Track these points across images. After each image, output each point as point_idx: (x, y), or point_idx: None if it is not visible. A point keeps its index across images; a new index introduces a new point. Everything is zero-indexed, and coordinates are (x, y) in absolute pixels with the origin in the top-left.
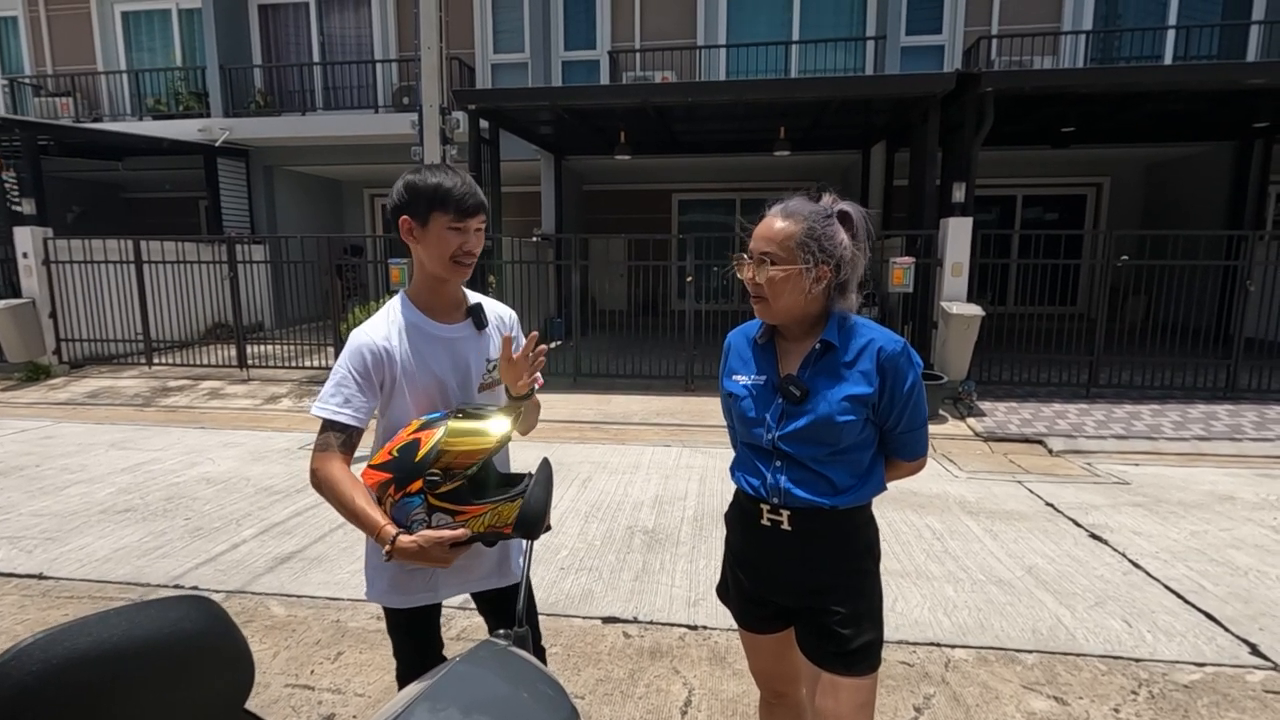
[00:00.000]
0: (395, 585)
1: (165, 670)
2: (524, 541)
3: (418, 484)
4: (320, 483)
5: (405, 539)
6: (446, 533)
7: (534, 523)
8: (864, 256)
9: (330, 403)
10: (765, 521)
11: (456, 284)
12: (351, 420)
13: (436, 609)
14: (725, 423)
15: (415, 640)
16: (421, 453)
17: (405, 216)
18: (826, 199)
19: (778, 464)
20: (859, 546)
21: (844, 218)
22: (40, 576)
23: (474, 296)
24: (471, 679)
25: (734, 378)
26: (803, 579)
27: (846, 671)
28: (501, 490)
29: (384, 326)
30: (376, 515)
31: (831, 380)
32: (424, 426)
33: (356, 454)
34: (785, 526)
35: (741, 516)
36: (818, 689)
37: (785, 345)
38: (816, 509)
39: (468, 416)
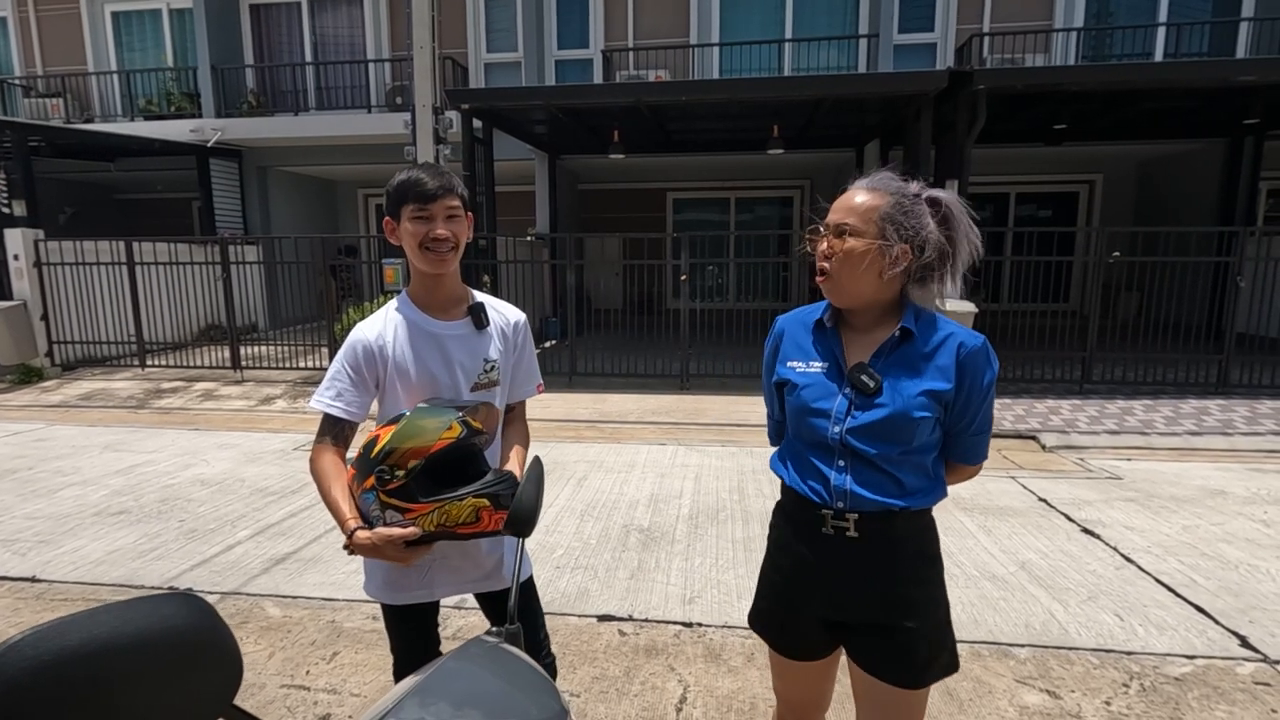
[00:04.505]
0: (390, 581)
1: (155, 666)
2: (516, 540)
3: (370, 480)
4: (311, 471)
5: (362, 534)
6: (396, 530)
7: (524, 521)
8: (963, 248)
9: (324, 396)
10: (827, 529)
11: (451, 277)
12: (343, 413)
13: (433, 607)
14: (766, 416)
15: (410, 637)
16: (377, 448)
17: (388, 218)
18: (917, 184)
19: (842, 463)
20: (928, 551)
21: (933, 204)
22: (33, 579)
23: (479, 296)
24: (462, 675)
25: (790, 364)
26: (874, 592)
27: (916, 685)
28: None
29: (380, 323)
30: (344, 508)
31: (908, 372)
32: (390, 422)
33: None
34: (851, 533)
35: (795, 530)
36: (869, 705)
37: (850, 334)
38: (887, 511)
39: (423, 414)
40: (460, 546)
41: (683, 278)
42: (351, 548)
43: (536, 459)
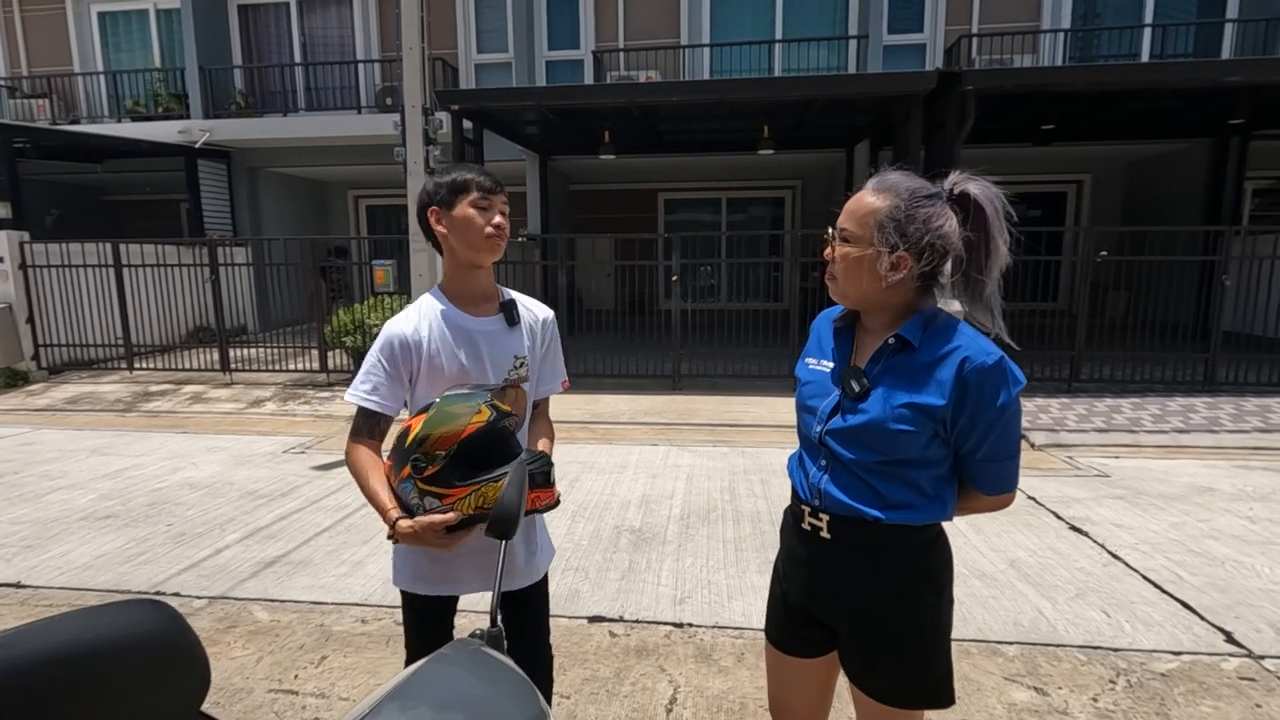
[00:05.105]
0: (419, 574)
1: (120, 673)
2: (500, 544)
3: (407, 469)
4: (349, 465)
5: (404, 523)
6: (436, 517)
7: (507, 523)
8: (992, 251)
9: (359, 389)
10: (806, 525)
11: (488, 273)
12: (378, 407)
13: (453, 603)
14: None
15: (426, 630)
16: (410, 438)
17: (432, 207)
18: (953, 177)
19: (823, 462)
20: (915, 571)
21: (961, 201)
22: (18, 585)
23: (509, 293)
24: (443, 678)
25: (806, 360)
26: (846, 598)
27: (890, 704)
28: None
29: (414, 318)
30: (385, 499)
31: (898, 382)
32: (421, 411)
33: None
34: (824, 534)
35: (791, 520)
36: (859, 713)
37: (864, 336)
38: (859, 519)
39: (453, 400)
40: (488, 543)
41: (674, 278)
42: (395, 536)
43: (520, 460)
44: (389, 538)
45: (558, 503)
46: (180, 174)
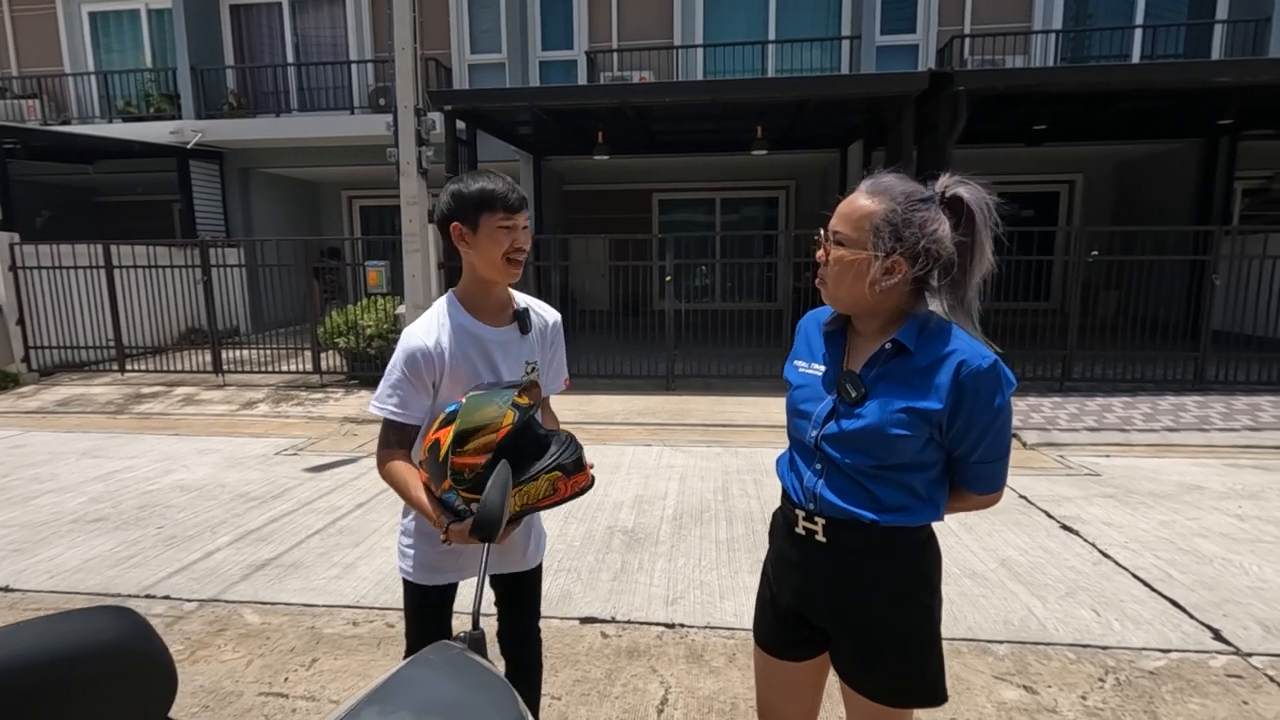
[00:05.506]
0: (425, 564)
1: (82, 681)
2: (483, 545)
3: (447, 482)
4: (385, 476)
5: (454, 528)
6: None
7: (490, 526)
8: (978, 256)
9: (388, 403)
10: (800, 530)
11: (504, 286)
12: (407, 420)
13: (452, 591)
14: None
15: (428, 618)
16: (443, 451)
17: (455, 223)
18: (943, 180)
19: (818, 466)
20: (910, 572)
21: (954, 205)
22: (7, 589)
23: (522, 300)
24: (422, 681)
25: (795, 363)
26: (840, 600)
27: (887, 703)
28: (531, 465)
29: (434, 328)
30: (430, 508)
31: (895, 386)
32: (444, 423)
33: None
34: (820, 538)
35: (783, 522)
36: (851, 713)
37: (856, 340)
38: (855, 522)
39: (477, 403)
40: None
41: (668, 279)
42: (448, 540)
43: (504, 463)
44: (443, 541)
45: (593, 481)
46: (172, 175)
